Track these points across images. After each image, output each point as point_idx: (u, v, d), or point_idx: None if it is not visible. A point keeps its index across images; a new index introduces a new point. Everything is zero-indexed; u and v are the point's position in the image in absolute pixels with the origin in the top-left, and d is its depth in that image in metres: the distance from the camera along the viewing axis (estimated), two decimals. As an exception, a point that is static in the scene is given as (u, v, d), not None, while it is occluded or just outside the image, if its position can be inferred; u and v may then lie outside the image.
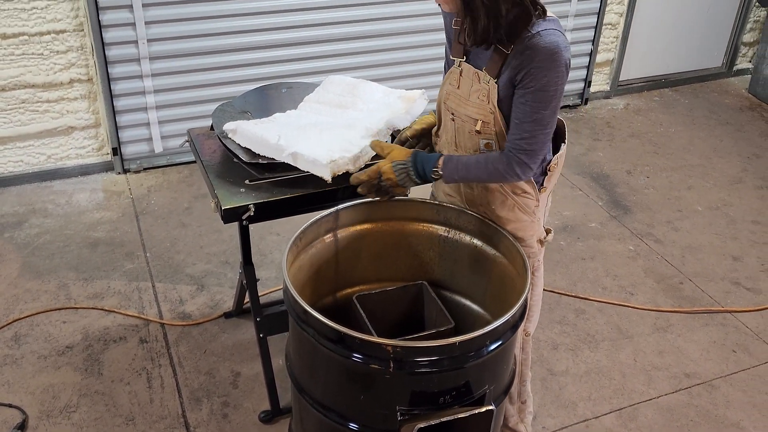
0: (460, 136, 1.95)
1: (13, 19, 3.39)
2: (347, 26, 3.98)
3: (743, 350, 2.90)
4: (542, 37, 1.70)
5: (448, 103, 1.94)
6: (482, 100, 1.83)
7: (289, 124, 2.30)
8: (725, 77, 5.41)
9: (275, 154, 2.16)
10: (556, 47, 1.69)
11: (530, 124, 1.76)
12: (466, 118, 1.89)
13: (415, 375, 1.63)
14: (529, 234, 1.99)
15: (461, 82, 1.88)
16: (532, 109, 1.74)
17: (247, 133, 2.22)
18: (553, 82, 1.71)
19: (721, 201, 3.91)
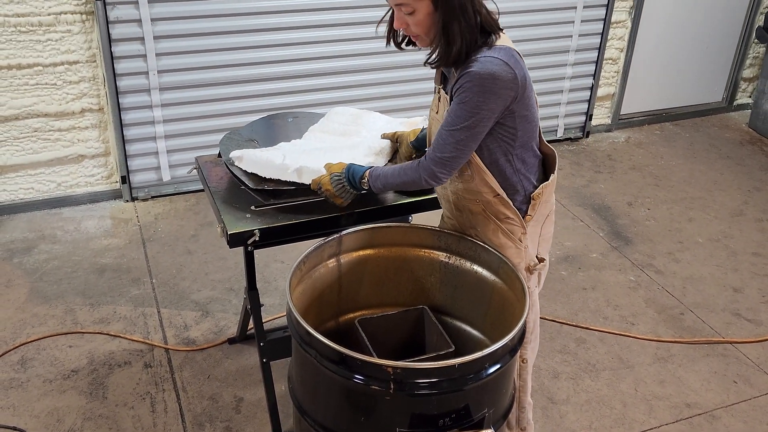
0: None
1: (28, 50, 3.48)
2: (354, 59, 4.07)
3: (744, 381, 2.91)
4: (477, 63, 1.77)
5: (432, 129, 2.03)
6: None
7: (294, 150, 2.37)
8: (726, 112, 5.48)
9: (280, 174, 2.21)
10: (485, 71, 1.75)
11: (445, 132, 1.85)
12: None
13: (415, 397, 1.66)
14: (516, 261, 2.02)
15: (439, 107, 1.98)
16: (449, 121, 1.83)
17: (253, 158, 2.28)
18: (473, 101, 1.78)
19: (721, 233, 3.94)
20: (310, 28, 3.91)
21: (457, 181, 2.00)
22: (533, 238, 2.05)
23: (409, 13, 1.80)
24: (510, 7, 4.28)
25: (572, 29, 4.53)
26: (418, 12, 1.79)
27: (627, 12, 4.70)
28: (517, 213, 1.97)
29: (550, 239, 2.14)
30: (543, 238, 2.11)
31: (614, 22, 4.67)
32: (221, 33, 3.75)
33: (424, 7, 1.78)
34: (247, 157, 2.28)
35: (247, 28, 3.79)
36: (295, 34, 3.89)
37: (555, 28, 4.49)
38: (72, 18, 3.49)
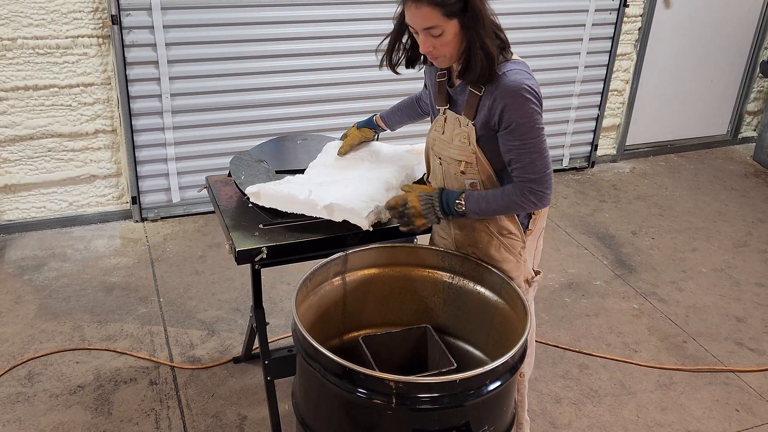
0: (448, 178, 2.08)
1: (45, 72, 3.57)
2: (364, 86, 4.15)
3: (746, 410, 2.91)
4: (507, 77, 1.84)
5: (435, 149, 2.07)
6: (464, 143, 1.96)
7: (310, 182, 2.37)
8: (730, 144, 5.53)
9: (306, 209, 2.22)
10: (520, 84, 1.82)
11: (526, 155, 1.88)
12: (451, 161, 2.02)
13: (416, 411, 1.68)
14: (516, 274, 2.08)
15: (445, 128, 2.02)
16: (521, 143, 1.87)
17: (272, 193, 2.28)
18: (529, 114, 1.84)
19: (725, 263, 3.96)
20: (323, 54, 4.00)
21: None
22: (531, 252, 2.12)
23: (438, 35, 1.83)
24: (517, 38, 4.34)
25: (578, 60, 4.61)
26: (446, 33, 1.83)
27: (632, 45, 4.78)
28: (520, 228, 2.04)
29: (541, 253, 2.21)
30: (537, 252, 2.18)
31: (620, 54, 4.75)
32: (233, 58, 3.83)
33: (453, 27, 1.82)
34: (264, 192, 2.28)
35: (261, 54, 3.88)
36: (308, 60, 3.98)
37: (561, 59, 4.56)
38: (89, 41, 3.58)
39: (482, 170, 1.97)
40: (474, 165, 1.97)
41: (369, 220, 2.16)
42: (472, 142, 1.94)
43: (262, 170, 2.52)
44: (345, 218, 2.18)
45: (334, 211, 2.18)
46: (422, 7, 1.79)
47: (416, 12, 1.81)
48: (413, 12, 1.82)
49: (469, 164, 1.97)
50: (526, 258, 2.08)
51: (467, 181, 2.01)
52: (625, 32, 4.69)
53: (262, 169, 2.53)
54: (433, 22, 1.80)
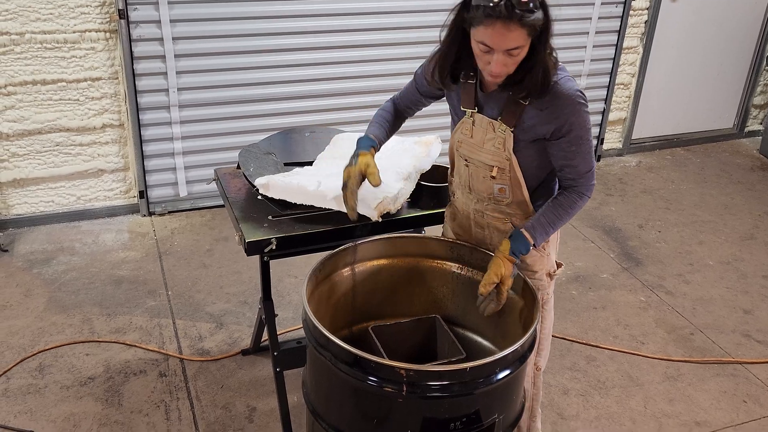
0: (474, 181, 2.05)
1: (53, 66, 3.59)
2: (372, 80, 4.16)
3: (754, 401, 2.92)
4: (562, 84, 1.82)
5: (461, 151, 2.03)
6: (498, 148, 1.92)
7: (319, 174, 2.39)
8: (736, 138, 5.53)
9: (315, 201, 2.24)
10: (574, 91, 1.82)
11: (580, 158, 1.89)
12: (481, 164, 1.99)
13: (426, 399, 1.69)
14: (539, 267, 2.08)
15: (474, 131, 1.97)
16: (577, 147, 1.87)
17: (281, 184, 2.30)
18: (583, 118, 1.85)
19: (732, 256, 3.96)
20: (330, 48, 4.01)
21: (488, 202, 2.04)
22: (553, 245, 2.12)
23: (516, 54, 1.74)
24: (523, 32, 4.35)
25: (584, 54, 4.61)
26: (522, 51, 1.74)
27: (639, 38, 4.77)
28: None
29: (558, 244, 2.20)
30: (556, 243, 2.17)
31: (626, 47, 4.75)
32: (240, 52, 3.84)
33: (527, 45, 1.74)
34: (273, 184, 2.30)
35: (268, 48, 3.89)
36: (315, 54, 3.99)
37: (567, 53, 4.56)
38: (96, 36, 3.60)
39: (513, 177, 1.95)
40: (506, 171, 1.94)
41: (378, 211, 2.17)
42: (507, 149, 1.91)
43: (270, 162, 2.53)
44: None
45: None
46: (514, 28, 1.67)
47: (504, 32, 1.68)
48: (500, 32, 1.68)
49: (502, 170, 1.94)
50: (550, 251, 2.08)
51: (496, 185, 1.99)
52: (632, 25, 4.69)
53: (271, 161, 2.54)
54: (519, 42, 1.70)
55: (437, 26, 1.89)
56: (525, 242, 1.94)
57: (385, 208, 2.19)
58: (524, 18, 1.66)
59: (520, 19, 1.66)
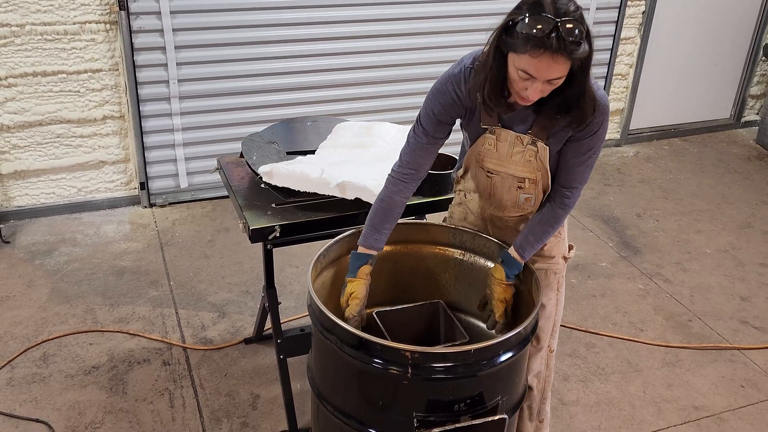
0: (498, 190, 2.02)
1: (53, 58, 3.60)
2: (373, 71, 4.18)
3: (751, 386, 2.95)
4: (596, 92, 1.78)
5: (485, 163, 1.98)
6: (529, 161, 1.90)
7: (322, 162, 2.41)
8: (733, 128, 5.55)
9: (319, 188, 2.26)
10: (606, 99, 1.82)
11: (583, 167, 1.89)
12: (508, 176, 1.97)
13: (431, 381, 1.72)
14: (556, 252, 2.11)
15: (498, 145, 1.93)
16: (588, 156, 1.87)
17: (284, 172, 2.32)
18: (605, 128, 1.85)
19: (729, 244, 3.99)
20: (330, 40, 4.02)
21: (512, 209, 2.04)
22: (566, 228, 2.15)
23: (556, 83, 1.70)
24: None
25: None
26: (562, 79, 1.70)
27: (636, 29, 4.79)
28: None
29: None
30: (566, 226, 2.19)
31: (624, 38, 4.77)
32: (241, 44, 3.85)
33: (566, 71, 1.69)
34: (277, 172, 2.32)
35: (267, 39, 3.90)
36: (314, 45, 4.00)
37: (565, 43, 4.57)
38: (96, 27, 3.61)
39: (543, 185, 1.95)
40: (537, 181, 1.93)
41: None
42: (542, 160, 1.88)
43: (273, 151, 2.55)
44: (357, 196, 2.21)
45: (347, 189, 2.21)
46: (561, 61, 1.62)
47: (551, 64, 1.63)
48: (546, 63, 1.63)
49: (533, 181, 1.94)
50: (565, 235, 2.11)
51: (523, 195, 1.98)
52: (629, 16, 4.70)
53: (273, 150, 2.56)
54: (562, 73, 1.66)
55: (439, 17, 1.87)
56: (517, 263, 1.97)
57: None
58: (573, 51, 1.61)
59: (570, 53, 1.61)
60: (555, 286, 2.12)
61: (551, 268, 2.08)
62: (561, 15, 1.61)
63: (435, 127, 1.93)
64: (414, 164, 1.98)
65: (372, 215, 2.01)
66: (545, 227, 1.96)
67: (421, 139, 1.95)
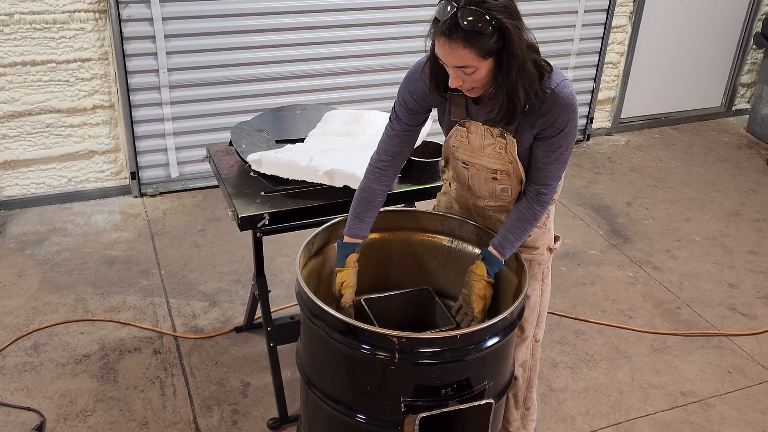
0: (475, 181, 2.04)
1: (42, 47, 3.58)
2: (364, 59, 4.18)
3: (738, 371, 2.98)
4: (560, 91, 1.78)
5: (458, 155, 2.00)
6: (500, 152, 1.90)
7: (311, 150, 2.41)
8: (724, 117, 5.57)
9: (307, 175, 2.26)
10: (573, 97, 1.81)
11: (555, 164, 1.88)
12: (482, 168, 1.98)
13: (418, 366, 1.73)
14: (541, 243, 2.11)
15: (470, 137, 1.93)
16: (558, 153, 1.86)
17: (273, 160, 2.32)
18: (574, 125, 1.84)
19: (718, 232, 4.02)
20: (320, 28, 4.01)
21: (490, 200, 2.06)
22: (552, 219, 2.15)
23: (471, 72, 1.71)
24: (512, 11, 4.37)
25: (573, 33, 4.63)
26: (479, 70, 1.71)
27: (627, 17, 4.80)
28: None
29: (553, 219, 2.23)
30: (553, 216, 2.19)
31: (615, 26, 4.77)
32: (231, 32, 3.84)
33: (487, 65, 1.70)
34: (266, 160, 2.32)
35: (257, 28, 3.89)
36: (305, 34, 3.99)
37: (556, 32, 4.58)
38: (85, 16, 3.59)
39: (517, 177, 1.95)
40: (510, 173, 1.94)
41: None
42: (511, 153, 1.89)
43: (262, 139, 2.55)
44: (346, 183, 2.22)
45: (335, 177, 2.22)
46: (457, 47, 1.65)
47: (448, 50, 1.67)
48: (445, 49, 1.67)
49: (505, 172, 1.94)
50: (550, 226, 2.11)
51: (499, 186, 1.99)
52: (620, 4, 4.71)
53: (263, 138, 2.56)
54: (467, 62, 1.68)
55: (431, 5, 1.86)
56: (497, 261, 1.96)
57: None
58: (469, 39, 1.63)
59: (466, 41, 1.63)
60: (540, 277, 2.13)
61: (535, 259, 2.09)
62: (466, 2, 1.63)
63: (408, 115, 1.95)
64: (390, 152, 1.99)
65: (354, 205, 2.02)
66: (524, 224, 1.95)
67: (395, 126, 1.97)
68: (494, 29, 1.65)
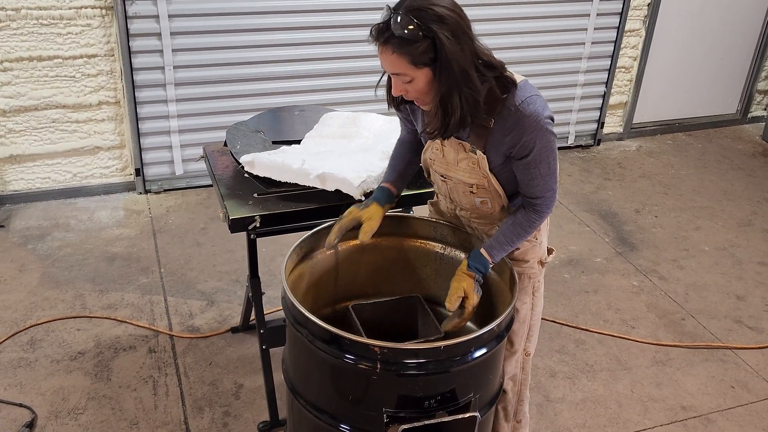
0: (455, 194, 2.01)
1: (49, 43, 3.59)
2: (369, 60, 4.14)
3: (742, 386, 2.92)
4: (524, 109, 1.73)
5: (435, 168, 1.98)
6: (473, 168, 1.87)
7: (305, 152, 2.39)
8: (739, 124, 5.48)
9: (299, 178, 2.24)
10: (539, 115, 1.74)
11: (539, 179, 1.83)
12: (459, 182, 1.95)
13: (401, 377, 1.70)
14: (531, 256, 2.05)
15: (444, 151, 1.91)
16: (538, 171, 1.80)
17: (266, 162, 2.30)
18: (546, 141, 1.77)
19: (728, 242, 3.94)
20: (326, 28, 3.99)
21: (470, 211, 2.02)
22: (544, 232, 2.09)
23: (408, 81, 1.71)
24: (522, 13, 4.32)
25: (585, 36, 4.57)
26: (417, 80, 1.70)
27: (641, 21, 4.73)
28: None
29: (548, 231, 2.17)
30: (547, 230, 2.13)
31: (628, 30, 4.70)
32: (237, 31, 3.83)
33: (423, 75, 1.68)
34: (258, 161, 2.30)
35: (263, 27, 3.87)
36: (311, 33, 3.97)
37: (568, 35, 4.52)
38: (92, 12, 3.59)
39: (494, 191, 1.91)
40: (486, 187, 1.91)
41: (361, 189, 2.17)
42: (483, 168, 1.86)
43: (258, 140, 2.53)
44: (337, 187, 2.19)
45: (327, 181, 2.19)
46: (387, 54, 1.66)
47: (383, 56, 1.68)
48: (380, 54, 1.68)
49: (481, 186, 1.91)
50: (542, 240, 2.05)
51: (477, 199, 1.96)
52: (634, 8, 4.64)
53: (259, 139, 2.54)
54: (401, 69, 1.67)
55: None
56: (484, 260, 1.91)
57: (369, 187, 2.19)
58: (399, 46, 1.62)
59: (395, 46, 1.62)
60: (530, 291, 2.08)
61: (525, 272, 2.03)
62: (401, 7, 1.62)
63: (405, 123, 2.01)
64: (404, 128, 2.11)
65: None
66: (517, 230, 1.91)
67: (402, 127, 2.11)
68: (426, 38, 1.62)
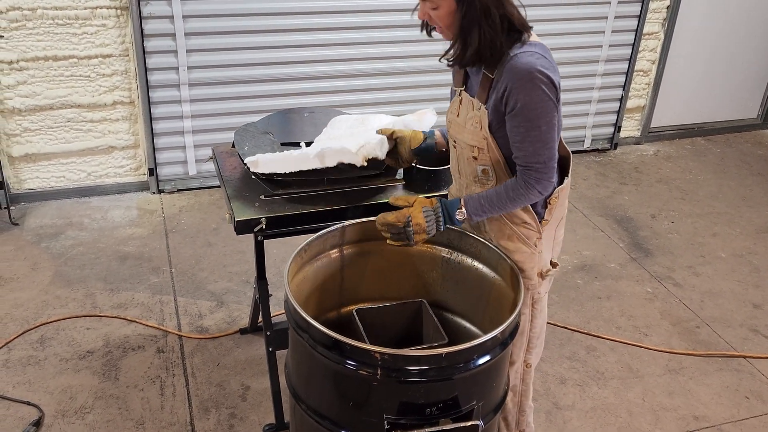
0: (461, 163, 2.02)
1: (65, 43, 3.61)
2: (383, 62, 4.13)
3: (756, 397, 2.86)
4: (518, 59, 1.77)
5: (450, 131, 2.02)
6: (476, 127, 1.89)
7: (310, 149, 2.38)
8: (760, 129, 5.39)
9: (301, 163, 2.22)
10: (531, 66, 1.75)
11: (529, 143, 1.81)
12: (464, 145, 1.96)
13: (402, 384, 1.67)
14: (529, 266, 2.00)
15: (460, 110, 1.96)
16: (525, 129, 1.80)
17: (269, 157, 2.30)
18: (536, 97, 1.76)
19: (746, 249, 3.87)
20: (340, 29, 3.98)
21: (475, 185, 2.00)
22: (548, 243, 2.03)
23: (434, 8, 1.81)
24: (539, 15, 4.28)
25: (602, 39, 4.52)
26: (441, 8, 1.80)
27: (660, 24, 4.67)
28: (535, 218, 1.96)
29: (561, 243, 2.13)
30: (557, 242, 2.08)
31: (646, 33, 4.64)
32: (251, 32, 3.83)
33: (447, 5, 1.78)
34: (262, 160, 2.30)
35: (277, 28, 3.87)
36: (325, 35, 3.96)
37: (585, 37, 4.48)
38: (107, 12, 3.61)
39: (492, 156, 1.90)
40: (485, 151, 1.90)
41: (362, 156, 2.15)
42: (483, 127, 1.87)
43: (267, 142, 2.52)
44: (338, 160, 2.18)
45: (326, 157, 2.19)
46: None
47: None
48: None
49: (481, 150, 1.91)
50: (542, 249, 1.99)
51: (479, 167, 1.95)
52: (653, 10, 4.58)
53: (267, 141, 2.53)
54: None
55: None
56: (455, 203, 1.92)
57: (370, 153, 2.17)
58: None
59: None
60: (529, 302, 2.03)
61: (524, 283, 2.00)
62: None
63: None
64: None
65: None
66: (499, 192, 1.89)
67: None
68: None
